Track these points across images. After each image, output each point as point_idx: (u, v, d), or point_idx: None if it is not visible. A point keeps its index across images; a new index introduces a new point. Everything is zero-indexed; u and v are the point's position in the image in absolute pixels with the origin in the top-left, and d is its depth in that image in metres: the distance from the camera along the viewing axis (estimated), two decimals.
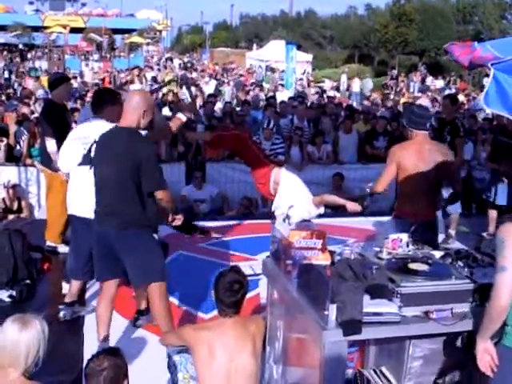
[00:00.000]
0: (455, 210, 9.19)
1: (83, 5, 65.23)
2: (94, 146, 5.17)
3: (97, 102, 6.11)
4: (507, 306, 3.36)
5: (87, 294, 6.51)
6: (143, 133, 5.09)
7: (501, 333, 3.49)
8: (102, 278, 5.27)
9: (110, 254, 4.99)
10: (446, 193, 6.84)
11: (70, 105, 12.60)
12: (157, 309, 5.14)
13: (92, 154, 5.20)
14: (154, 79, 25.02)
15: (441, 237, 6.32)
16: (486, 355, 3.49)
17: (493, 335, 3.49)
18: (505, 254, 3.35)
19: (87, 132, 5.75)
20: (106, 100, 6.02)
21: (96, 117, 5.96)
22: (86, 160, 5.45)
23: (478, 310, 3.72)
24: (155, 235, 5.19)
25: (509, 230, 3.41)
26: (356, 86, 29.68)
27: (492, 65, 2.90)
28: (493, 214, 9.22)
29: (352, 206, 6.19)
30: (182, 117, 5.90)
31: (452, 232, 9.01)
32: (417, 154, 5.60)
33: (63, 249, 7.62)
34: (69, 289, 6.18)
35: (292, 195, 6.36)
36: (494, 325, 3.44)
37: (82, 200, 5.62)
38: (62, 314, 6.03)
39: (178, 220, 5.13)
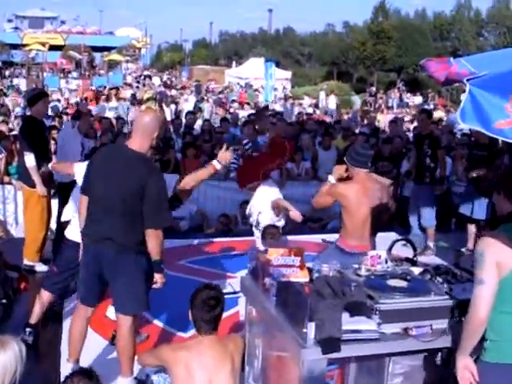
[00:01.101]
0: (430, 223, 9.23)
1: (62, 22, 65.27)
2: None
3: None
4: (485, 319, 3.36)
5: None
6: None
7: (480, 349, 3.48)
8: (84, 301, 5.12)
9: (99, 278, 4.86)
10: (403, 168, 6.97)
11: (47, 122, 12.50)
12: (125, 342, 4.87)
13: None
14: (133, 96, 24.98)
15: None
16: (466, 372, 3.48)
17: (472, 352, 3.48)
18: (483, 266, 3.36)
19: None
20: None
21: None
22: None
23: (457, 326, 3.71)
24: None
25: (488, 243, 3.42)
26: (332, 102, 29.73)
27: (468, 80, 2.91)
28: (472, 229, 9.23)
29: (293, 214, 7.10)
30: (216, 165, 5.67)
31: (431, 244, 9.04)
32: (360, 193, 5.66)
33: (41, 267, 7.54)
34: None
35: (260, 202, 7.06)
36: (472, 339, 3.42)
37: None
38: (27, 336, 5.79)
39: (159, 280, 4.93)
